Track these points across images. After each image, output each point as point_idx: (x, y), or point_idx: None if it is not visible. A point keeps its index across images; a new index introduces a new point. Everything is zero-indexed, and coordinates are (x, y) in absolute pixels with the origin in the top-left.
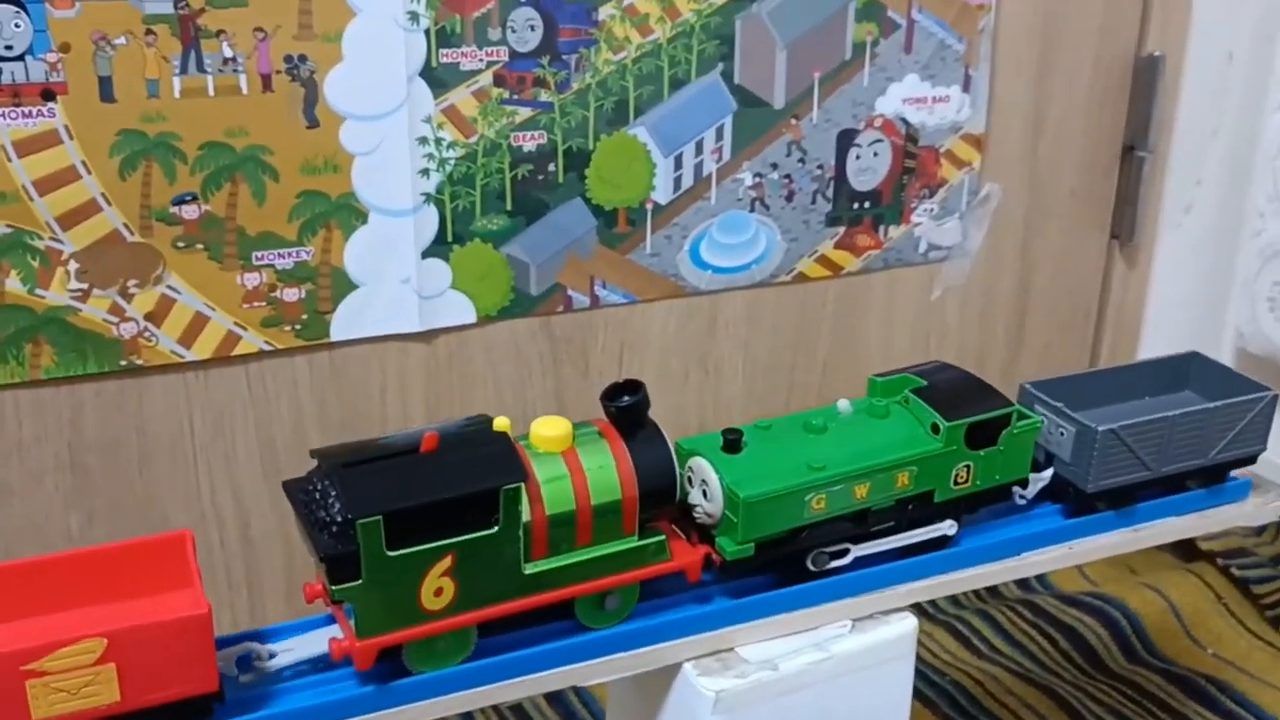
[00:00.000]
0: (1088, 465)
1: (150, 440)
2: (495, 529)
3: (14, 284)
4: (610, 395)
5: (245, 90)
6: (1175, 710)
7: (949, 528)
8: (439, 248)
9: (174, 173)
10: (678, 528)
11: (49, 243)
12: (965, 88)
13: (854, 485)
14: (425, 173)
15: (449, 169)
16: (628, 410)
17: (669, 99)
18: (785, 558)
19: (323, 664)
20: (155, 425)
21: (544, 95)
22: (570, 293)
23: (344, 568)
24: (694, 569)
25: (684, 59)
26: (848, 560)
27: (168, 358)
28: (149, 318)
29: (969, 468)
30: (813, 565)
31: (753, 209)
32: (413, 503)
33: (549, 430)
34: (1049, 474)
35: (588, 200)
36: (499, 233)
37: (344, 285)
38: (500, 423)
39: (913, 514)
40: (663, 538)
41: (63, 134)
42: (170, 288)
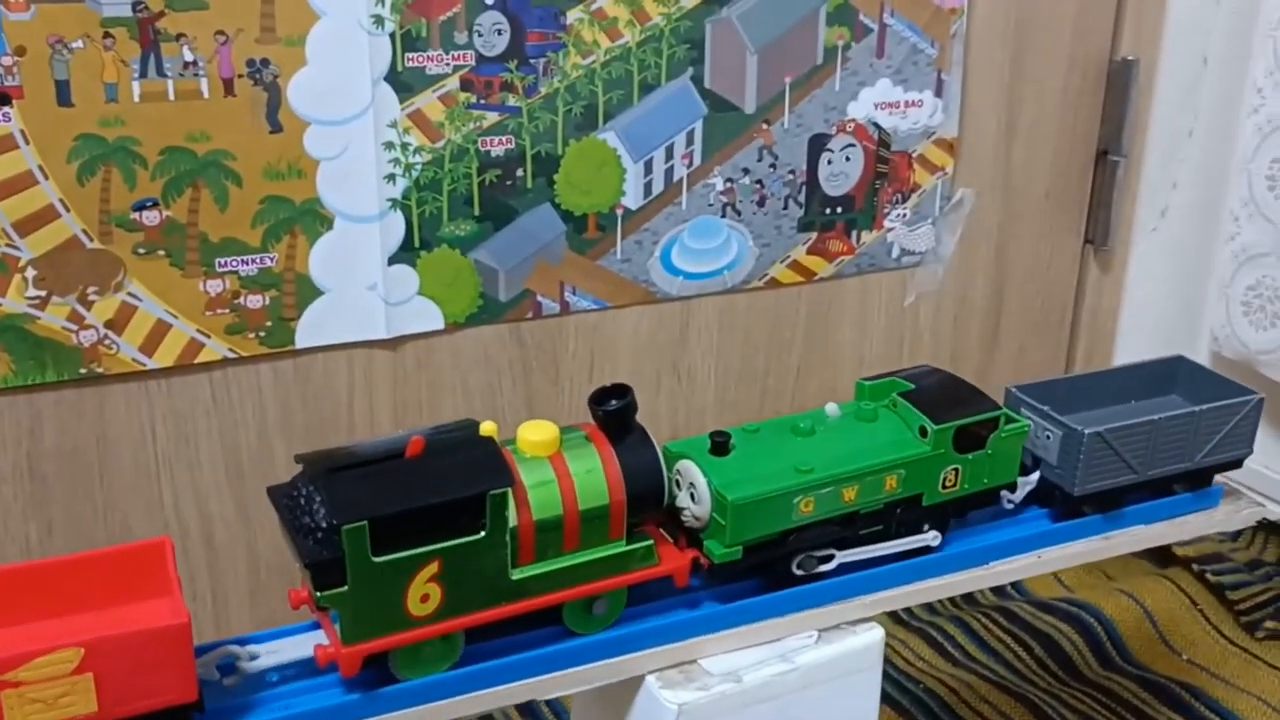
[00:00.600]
0: (1074, 468)
1: (111, 449)
2: (482, 534)
3: None
4: (598, 399)
5: (206, 94)
6: (1150, 717)
7: (932, 539)
8: (406, 254)
9: (134, 178)
10: (665, 532)
11: (5, 249)
12: (938, 92)
13: (842, 488)
14: (391, 178)
15: (415, 174)
16: (615, 414)
17: (639, 103)
18: (773, 561)
19: (308, 669)
20: (116, 434)
21: (512, 100)
22: (540, 299)
23: (329, 574)
24: (682, 573)
25: (654, 63)
26: (833, 565)
27: (129, 366)
28: (109, 325)
29: (957, 471)
30: (800, 569)
31: (724, 214)
32: (399, 508)
33: (536, 435)
34: (1035, 477)
35: (557, 206)
36: (467, 238)
37: (309, 292)
38: (487, 427)
39: (901, 517)
40: (651, 542)
41: (19, 138)
42: (131, 295)
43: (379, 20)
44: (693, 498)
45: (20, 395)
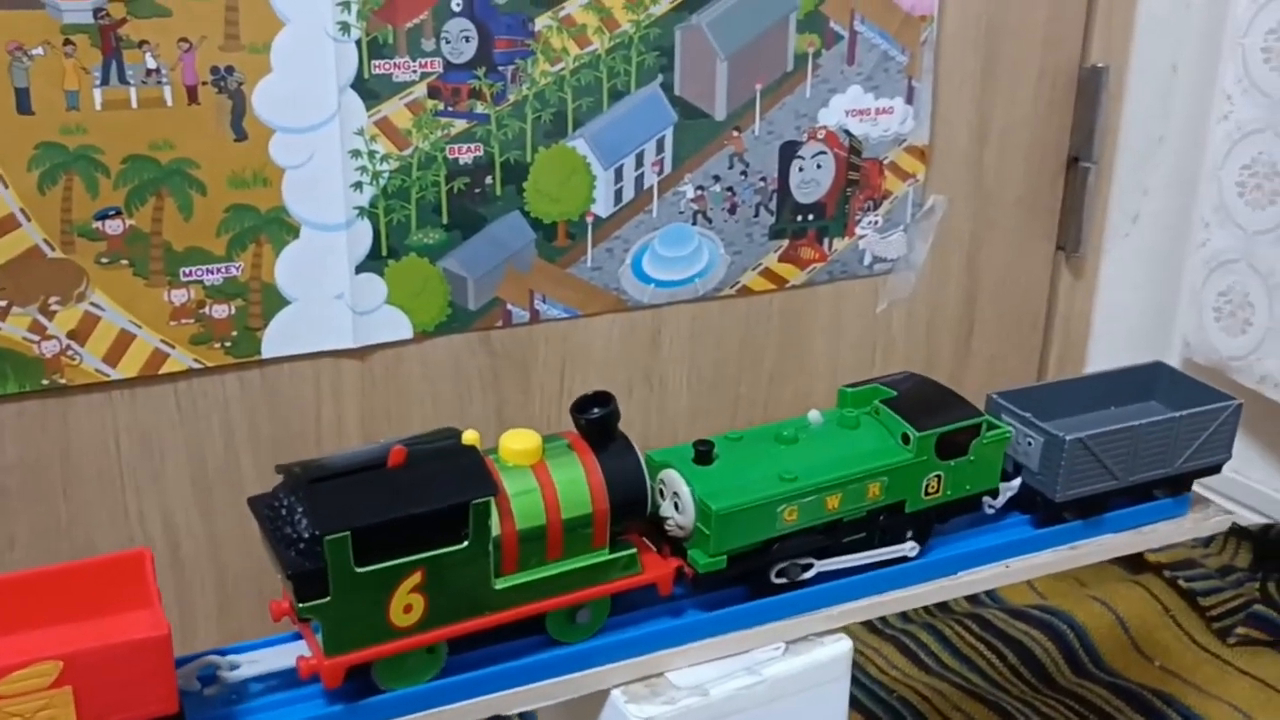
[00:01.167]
0: (1055, 475)
1: (74, 461)
2: (465, 544)
3: None
4: (580, 407)
5: (170, 102)
6: None
7: (910, 549)
8: (373, 262)
9: (96, 187)
10: (649, 540)
11: None
12: (909, 99)
13: (826, 496)
14: (358, 186)
15: (383, 182)
16: (598, 422)
17: (608, 111)
18: (757, 570)
19: (289, 679)
20: (80, 446)
21: (480, 107)
22: (509, 307)
23: (311, 585)
24: (665, 582)
25: (623, 70)
26: (813, 574)
27: (92, 376)
28: (72, 336)
29: (939, 478)
30: (785, 578)
31: (695, 222)
32: (381, 518)
33: (518, 443)
34: (1017, 483)
35: (526, 213)
36: (435, 247)
37: (275, 301)
38: (469, 436)
39: (884, 524)
40: (634, 551)
41: None
42: (94, 305)
43: (345, 27)
44: (676, 507)
45: None
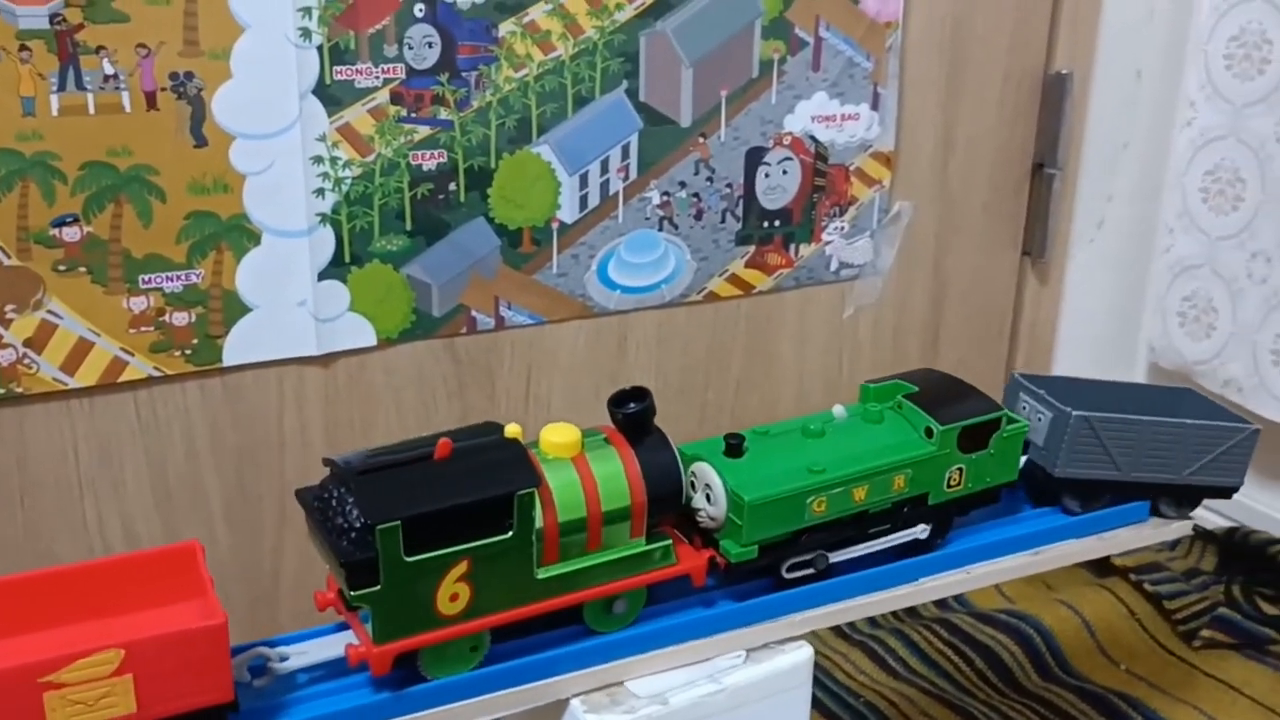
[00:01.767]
0: (1058, 449)
1: (32, 471)
2: (509, 534)
3: None
4: (617, 402)
5: (128, 108)
6: None
7: (921, 532)
8: (336, 269)
9: (53, 193)
10: (680, 533)
11: None
12: (874, 105)
13: (853, 488)
14: (320, 192)
15: (345, 188)
16: (635, 417)
17: (573, 117)
18: (786, 560)
19: (336, 669)
20: (37, 455)
21: (443, 113)
22: (474, 314)
23: (363, 574)
24: (699, 572)
25: (588, 76)
26: (830, 563)
27: (50, 385)
28: (28, 344)
29: (961, 470)
30: (811, 568)
31: (661, 228)
32: (430, 509)
33: (559, 437)
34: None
35: (491, 220)
36: (399, 253)
37: (237, 308)
38: (512, 429)
39: (908, 516)
40: (669, 542)
41: None
42: (51, 313)
43: (306, 33)
44: (708, 499)
45: None
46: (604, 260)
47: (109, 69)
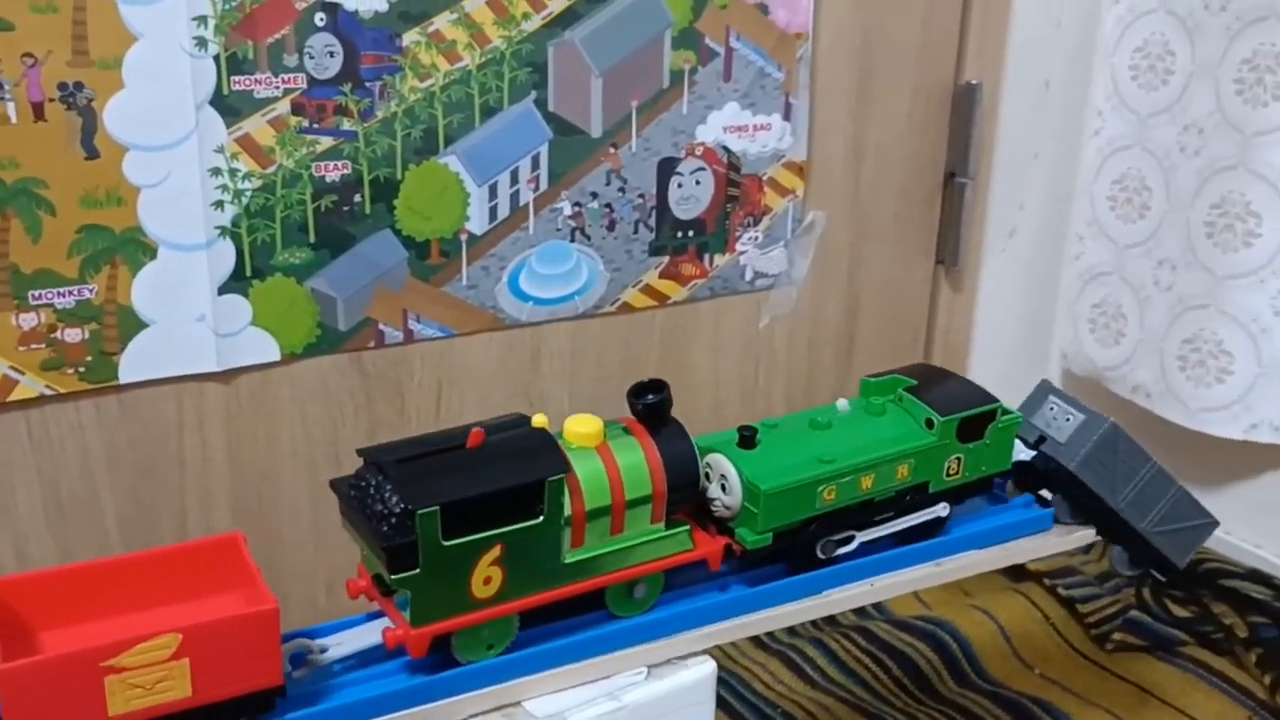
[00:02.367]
0: (1080, 448)
1: None
2: (540, 519)
3: None
4: (637, 393)
5: (14, 119)
6: None
7: (942, 509)
8: (237, 283)
9: None
10: (695, 521)
11: None
12: (786, 115)
13: (860, 477)
14: (219, 205)
15: (245, 201)
16: (654, 407)
17: (480, 127)
18: (797, 546)
19: (371, 658)
20: None
21: (347, 124)
22: (382, 327)
23: (403, 558)
24: (715, 558)
25: (495, 86)
26: (853, 547)
27: None
28: None
29: (959, 460)
30: (821, 554)
31: (573, 239)
32: (467, 495)
33: (583, 427)
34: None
35: (398, 231)
36: (302, 266)
37: (133, 324)
38: (539, 420)
39: (910, 504)
40: (688, 528)
41: None
42: None
43: (202, 42)
44: (723, 489)
45: None
46: (515, 272)
47: None
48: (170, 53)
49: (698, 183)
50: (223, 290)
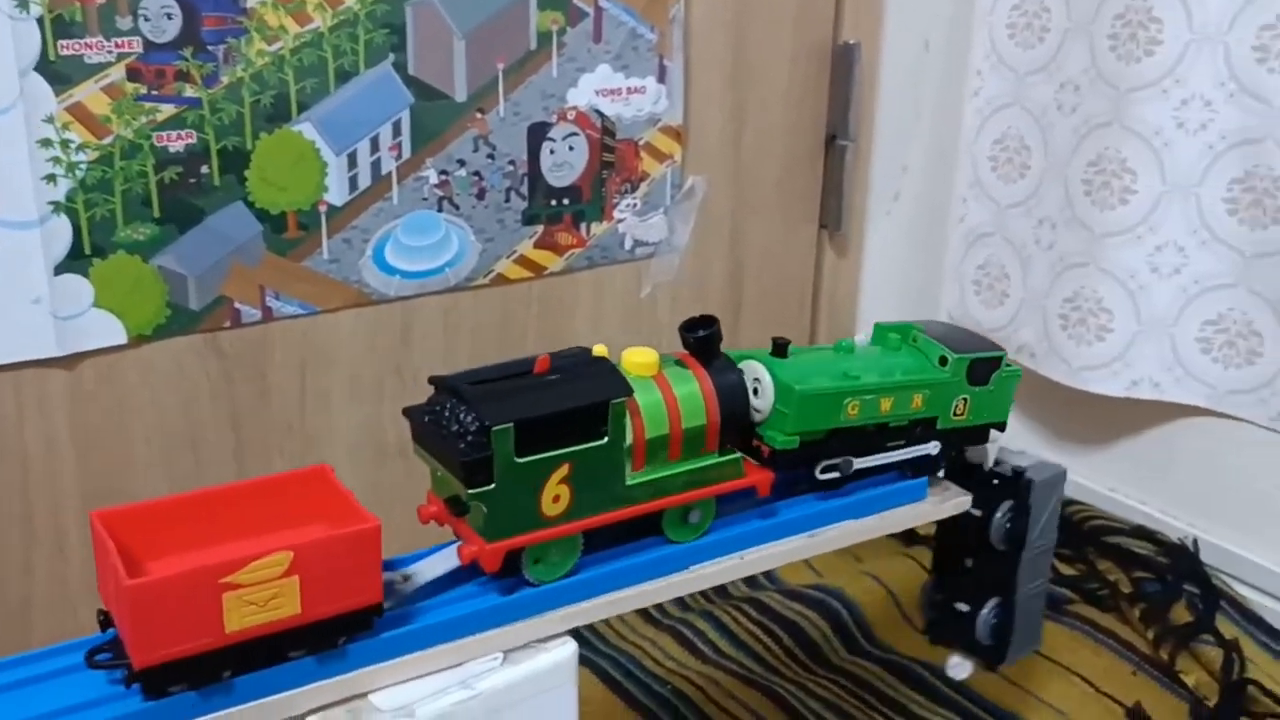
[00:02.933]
0: (1044, 470)
1: None
2: (605, 440)
3: None
4: (689, 328)
5: None
6: (892, 700)
7: (933, 448)
8: (75, 262)
9: None
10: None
11: None
12: (661, 78)
13: (881, 398)
14: (51, 179)
15: (81, 174)
16: (704, 340)
17: (335, 92)
18: (819, 460)
19: (448, 582)
20: None
21: (189, 90)
22: (238, 306)
23: (479, 472)
24: (765, 484)
25: (350, 49)
26: (860, 467)
27: None
28: None
29: (965, 401)
30: (836, 471)
31: (441, 208)
32: (539, 413)
33: (641, 358)
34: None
35: (250, 204)
36: (147, 243)
37: None
38: (599, 349)
39: (919, 436)
40: (739, 456)
41: None
42: None
43: (23, 3)
44: (756, 392)
45: None
46: (380, 244)
47: None
48: None
49: (571, 148)
50: (60, 270)
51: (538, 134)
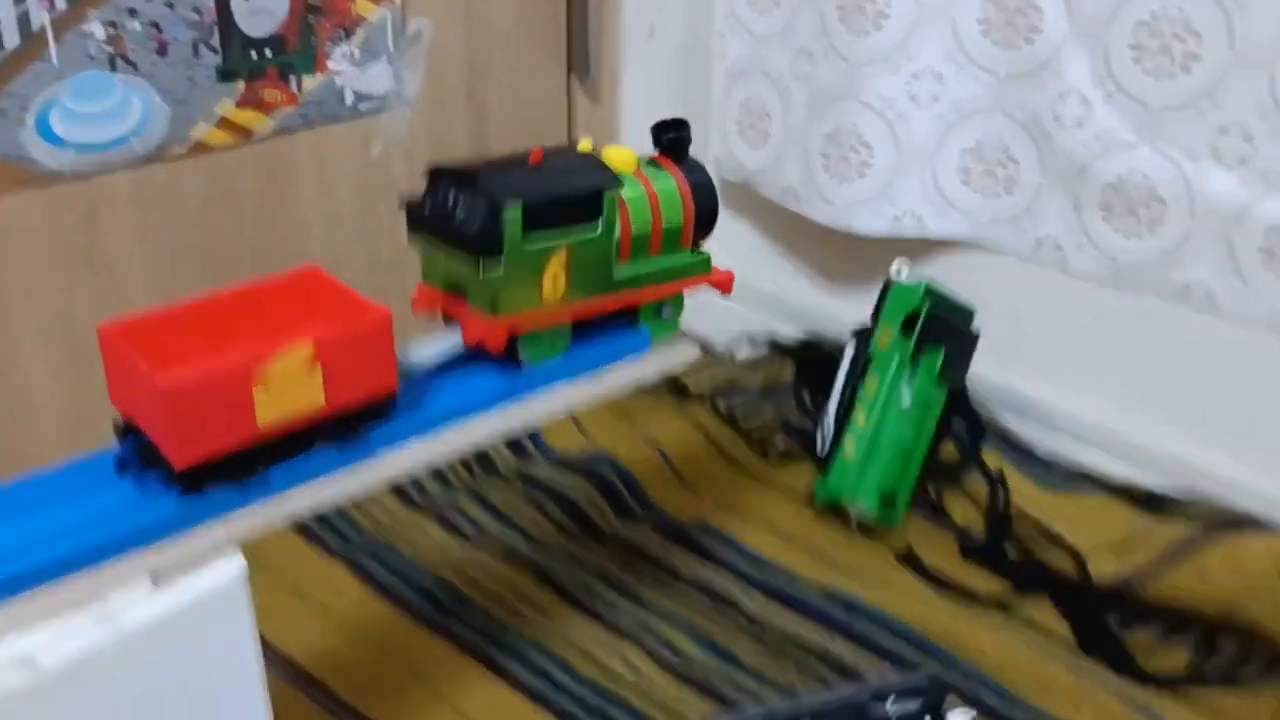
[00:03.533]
0: None
1: None
2: (599, 230)
3: None
4: (661, 129)
5: None
6: (666, 564)
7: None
8: None
9: None
10: None
11: None
12: None
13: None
14: None
15: None
16: (676, 141)
17: None
18: None
19: (448, 368)
20: None
21: None
22: None
23: (490, 246)
24: (727, 284)
25: None
26: None
27: None
28: None
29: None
30: None
31: (114, 67)
32: (543, 196)
33: (621, 155)
34: None
35: None
36: None
37: None
38: (584, 144)
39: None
40: (709, 255)
41: None
42: None
43: None
44: None
45: None
46: (43, 113)
47: None
48: None
49: None
50: None
51: None
